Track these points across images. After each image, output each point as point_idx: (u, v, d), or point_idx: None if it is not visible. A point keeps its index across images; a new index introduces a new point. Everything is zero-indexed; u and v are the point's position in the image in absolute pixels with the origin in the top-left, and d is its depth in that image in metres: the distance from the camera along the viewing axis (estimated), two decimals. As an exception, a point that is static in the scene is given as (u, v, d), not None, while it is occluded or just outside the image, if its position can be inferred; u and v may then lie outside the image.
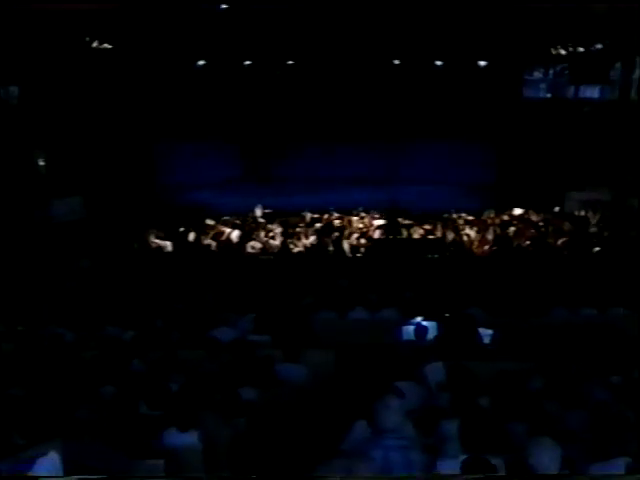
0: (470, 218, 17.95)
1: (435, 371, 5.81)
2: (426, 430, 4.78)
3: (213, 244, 14.62)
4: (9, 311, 8.21)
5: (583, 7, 19.81)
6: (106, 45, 24.22)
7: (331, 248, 14.36)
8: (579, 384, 5.25)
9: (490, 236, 15.43)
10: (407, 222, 16.98)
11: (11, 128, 20.07)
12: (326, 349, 7.14)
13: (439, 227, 16.23)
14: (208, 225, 16.49)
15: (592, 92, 28.02)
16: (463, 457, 4.04)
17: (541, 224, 17.04)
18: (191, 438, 4.90)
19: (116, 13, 22.18)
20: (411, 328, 7.45)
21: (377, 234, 16.01)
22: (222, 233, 15.37)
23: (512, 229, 16.13)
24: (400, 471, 4.23)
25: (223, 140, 27.49)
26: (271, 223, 16.56)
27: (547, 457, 4.04)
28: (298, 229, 16.00)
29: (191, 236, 15.18)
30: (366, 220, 17.55)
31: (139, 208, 19.68)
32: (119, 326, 7.70)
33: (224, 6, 22.56)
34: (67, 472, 4.08)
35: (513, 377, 5.20)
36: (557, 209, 20.25)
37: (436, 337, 7.16)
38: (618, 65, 25.27)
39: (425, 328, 7.33)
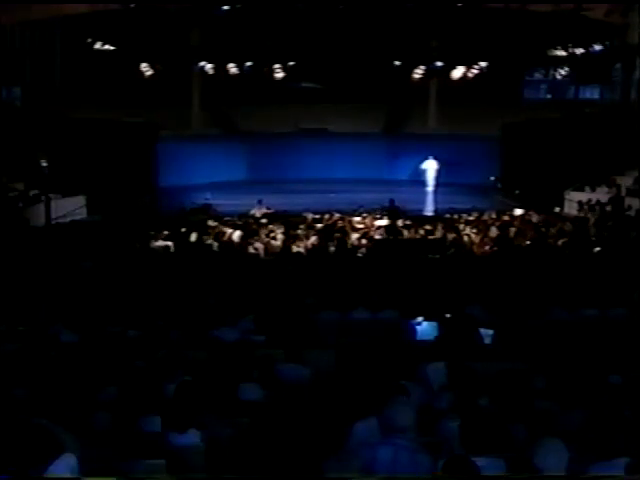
0: (471, 218, 18.00)
1: (437, 371, 5.84)
2: (428, 430, 4.81)
3: (215, 245, 14.65)
4: (11, 311, 8.23)
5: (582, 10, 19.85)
6: (108, 46, 24.28)
7: (332, 248, 14.38)
8: (579, 384, 5.27)
9: (491, 236, 15.46)
10: (408, 222, 17.04)
11: (14, 129, 20.12)
12: (328, 349, 7.17)
13: (440, 227, 16.26)
14: (210, 226, 16.52)
15: (592, 93, 28.07)
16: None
17: (541, 225, 17.06)
18: (193, 438, 4.92)
19: (118, 15, 22.24)
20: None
21: (378, 234, 16.05)
22: (224, 234, 15.40)
23: (512, 229, 16.15)
24: (406, 472, 4.25)
25: (225, 141, 27.54)
26: (273, 224, 16.59)
27: (554, 459, 4.06)
28: (299, 230, 16.03)
29: (193, 237, 15.21)
30: (367, 221, 17.60)
31: (141, 208, 19.72)
32: (121, 326, 7.73)
33: (225, 7, 22.62)
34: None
35: (513, 377, 5.23)
36: (557, 210, 20.28)
37: (437, 337, 7.18)
38: (618, 66, 25.31)
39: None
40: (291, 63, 26.51)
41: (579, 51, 25.46)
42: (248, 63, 26.43)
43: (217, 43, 25.72)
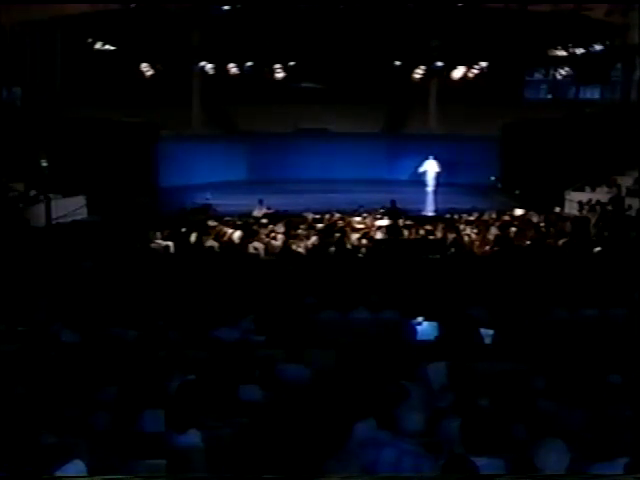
0: (471, 218, 18.01)
1: (437, 371, 5.84)
2: (428, 430, 4.81)
3: (215, 245, 14.65)
4: (11, 311, 8.23)
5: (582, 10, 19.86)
6: (108, 46, 24.30)
7: (333, 248, 14.38)
8: (579, 384, 5.27)
9: (491, 236, 15.47)
10: (408, 222, 17.04)
11: (15, 129, 20.12)
12: (328, 349, 7.17)
13: (440, 227, 16.26)
14: (210, 226, 16.52)
15: (592, 93, 28.09)
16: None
17: (542, 225, 17.06)
18: (193, 438, 4.92)
19: (118, 15, 22.25)
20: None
21: (379, 234, 16.06)
22: (224, 234, 15.40)
23: (513, 229, 16.16)
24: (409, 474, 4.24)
25: (225, 141, 27.54)
26: (273, 224, 16.60)
27: (554, 459, 4.06)
28: (300, 230, 16.04)
29: (193, 237, 15.20)
30: (367, 221, 17.61)
31: (141, 208, 19.72)
32: (121, 326, 7.72)
33: (225, 7, 22.64)
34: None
35: (513, 377, 5.23)
36: (557, 210, 20.28)
37: (437, 337, 7.19)
38: (618, 66, 25.33)
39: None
40: (291, 63, 26.53)
41: (579, 51, 25.47)
42: (248, 63, 26.46)
43: (217, 43, 25.73)
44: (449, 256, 13.82)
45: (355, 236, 15.65)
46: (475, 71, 26.77)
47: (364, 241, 15.31)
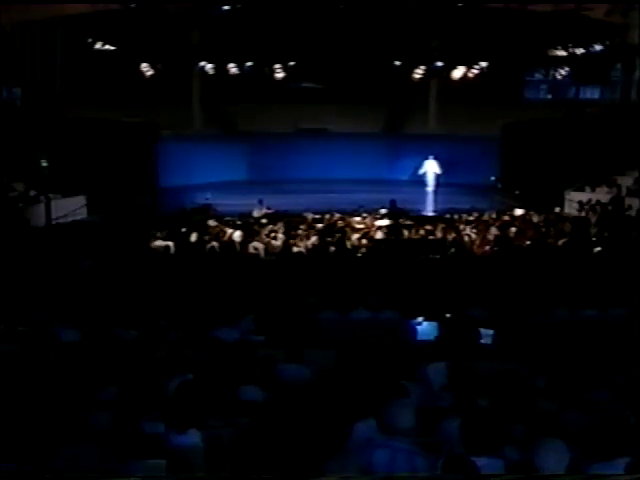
0: (471, 218, 18.01)
1: (437, 371, 5.84)
2: (428, 430, 4.81)
3: (215, 245, 14.65)
4: (11, 311, 8.22)
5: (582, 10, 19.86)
6: (108, 46, 24.31)
7: (333, 248, 14.39)
8: (579, 384, 5.27)
9: (491, 236, 15.47)
10: (408, 222, 17.05)
11: (15, 129, 20.13)
12: (328, 349, 7.17)
13: (440, 227, 16.27)
14: (210, 226, 16.53)
15: (592, 93, 28.09)
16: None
17: (542, 225, 17.07)
18: (193, 438, 4.92)
19: (118, 15, 22.25)
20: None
21: (379, 234, 16.06)
22: (224, 234, 15.40)
23: (513, 230, 16.16)
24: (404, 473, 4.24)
25: (225, 141, 27.54)
26: (273, 224, 16.61)
27: (555, 459, 4.06)
28: (300, 230, 16.04)
29: (193, 237, 15.21)
30: (367, 221, 17.61)
31: (141, 208, 19.72)
32: (121, 326, 7.72)
33: (226, 7, 22.65)
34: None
35: (513, 377, 5.23)
36: (557, 210, 20.29)
37: (437, 337, 7.19)
38: (618, 66, 25.33)
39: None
40: (291, 63, 26.55)
41: (579, 51, 25.49)
42: (248, 63, 26.48)
43: (217, 43, 25.75)
44: (449, 256, 13.82)
45: (355, 236, 15.66)
46: (475, 71, 26.79)
47: (364, 241, 15.32)
